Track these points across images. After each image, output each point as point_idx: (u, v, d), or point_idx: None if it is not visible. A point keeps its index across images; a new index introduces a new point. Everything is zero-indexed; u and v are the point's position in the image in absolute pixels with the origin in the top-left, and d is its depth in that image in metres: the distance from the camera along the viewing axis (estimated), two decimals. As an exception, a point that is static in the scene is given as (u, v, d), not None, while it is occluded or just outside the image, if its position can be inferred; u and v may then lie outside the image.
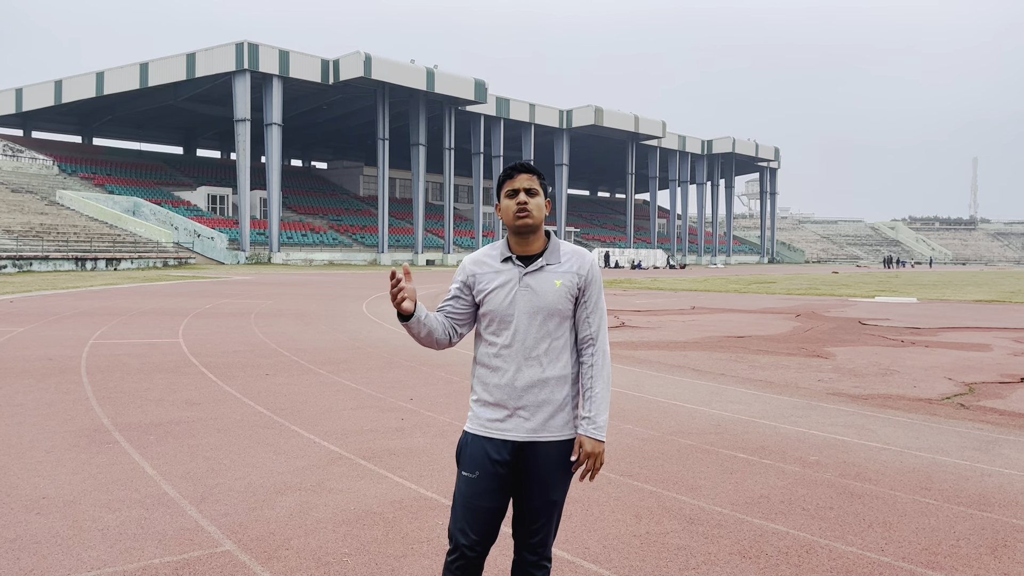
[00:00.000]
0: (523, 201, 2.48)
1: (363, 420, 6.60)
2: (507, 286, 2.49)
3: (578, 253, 2.56)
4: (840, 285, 35.01)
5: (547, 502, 2.49)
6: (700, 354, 11.21)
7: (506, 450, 2.46)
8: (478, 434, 2.49)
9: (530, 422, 2.46)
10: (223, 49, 55.71)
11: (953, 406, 7.57)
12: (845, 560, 3.71)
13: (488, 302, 2.51)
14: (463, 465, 2.50)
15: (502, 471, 2.46)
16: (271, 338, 12.38)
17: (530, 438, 2.46)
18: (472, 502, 2.46)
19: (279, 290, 25.87)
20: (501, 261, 2.53)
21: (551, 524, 2.53)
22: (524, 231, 2.51)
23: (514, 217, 2.49)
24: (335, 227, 67.72)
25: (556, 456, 2.48)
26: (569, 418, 2.51)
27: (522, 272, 2.50)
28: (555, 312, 2.48)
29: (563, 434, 2.49)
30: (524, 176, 2.51)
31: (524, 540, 2.54)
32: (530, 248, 2.53)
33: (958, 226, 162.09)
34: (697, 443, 5.93)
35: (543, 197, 2.53)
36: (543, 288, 2.48)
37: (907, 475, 5.13)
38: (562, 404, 2.49)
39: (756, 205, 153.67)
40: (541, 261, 2.51)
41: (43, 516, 4.15)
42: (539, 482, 2.48)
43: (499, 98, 71.81)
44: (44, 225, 45.58)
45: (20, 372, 8.77)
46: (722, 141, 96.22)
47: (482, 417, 2.50)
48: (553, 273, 2.50)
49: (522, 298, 2.47)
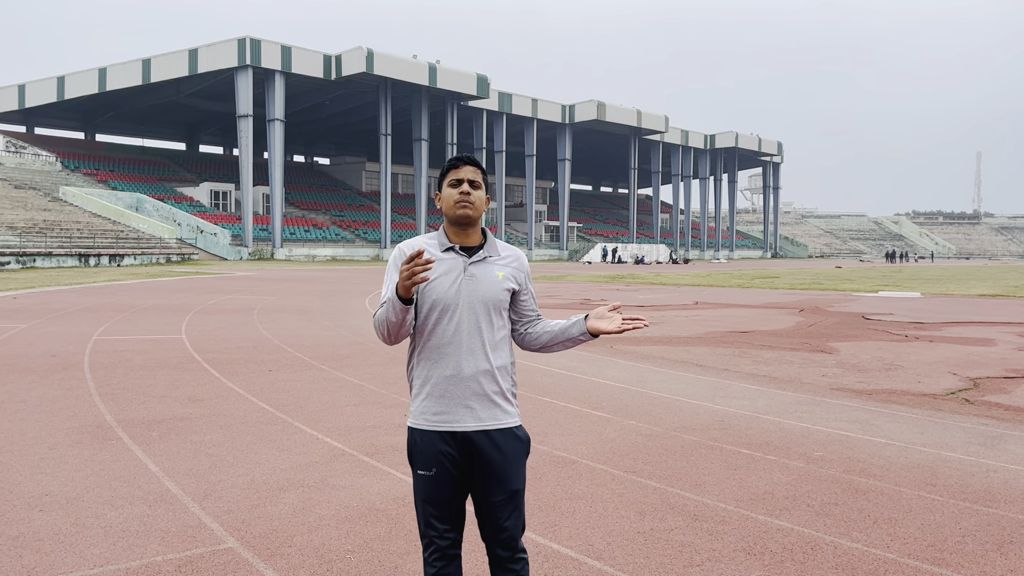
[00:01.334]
0: (466, 191, 2.50)
1: (366, 416, 6.59)
2: (452, 274, 2.48)
3: (516, 251, 2.64)
4: (843, 280, 34.95)
5: (508, 493, 2.50)
6: (703, 349, 11.19)
7: (456, 441, 2.47)
8: (426, 429, 2.49)
9: (476, 411, 2.47)
10: (225, 45, 55.64)
11: (958, 401, 7.55)
12: (850, 557, 3.69)
13: (433, 290, 2.47)
14: (417, 464, 2.51)
15: (456, 462, 2.48)
16: (274, 334, 12.38)
17: (480, 427, 2.47)
18: (433, 496, 2.48)
19: (282, 286, 25.87)
20: (443, 250, 2.52)
21: (518, 516, 2.54)
22: (463, 222, 2.52)
23: (456, 206, 2.50)
24: (338, 223, 67.72)
25: (506, 445, 2.50)
26: (511, 408, 2.55)
27: (467, 262, 2.50)
28: (497, 303, 2.51)
29: (508, 422, 2.52)
30: (470, 168, 2.54)
31: (495, 537, 2.53)
32: (469, 240, 2.55)
33: (962, 220, 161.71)
34: (701, 439, 5.91)
35: (484, 192, 2.56)
36: (486, 278, 2.50)
37: (912, 471, 5.11)
38: (504, 393, 2.52)
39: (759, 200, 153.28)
40: (483, 252, 2.53)
41: (46, 513, 4.15)
42: (495, 473, 2.48)
43: (501, 93, 71.68)
44: (47, 221, 45.62)
45: (23, 369, 8.77)
46: (725, 136, 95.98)
47: (428, 411, 2.49)
48: (495, 265, 2.53)
49: (466, 287, 2.48)
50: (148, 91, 62.86)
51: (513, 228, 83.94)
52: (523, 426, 2.61)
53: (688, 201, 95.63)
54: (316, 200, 72.60)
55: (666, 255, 78.82)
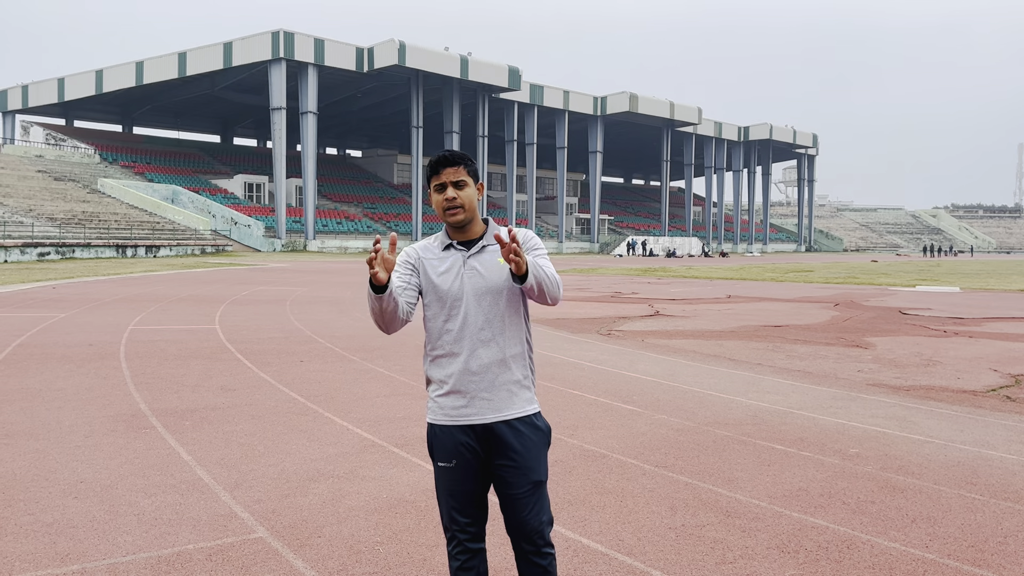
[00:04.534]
0: (451, 197, 2.47)
1: (396, 407, 6.59)
2: (453, 270, 2.51)
3: (517, 231, 2.50)
4: (879, 274, 34.38)
5: (530, 484, 2.49)
6: (736, 343, 11.06)
7: (476, 434, 2.48)
8: (445, 424, 2.50)
9: (493, 402, 2.47)
10: (259, 38, 56.15)
11: (999, 398, 7.37)
12: (888, 556, 3.61)
13: (437, 288, 2.51)
14: (437, 456, 2.53)
15: (476, 453, 2.49)
16: (306, 325, 12.47)
17: (498, 417, 2.47)
18: (454, 488, 2.50)
19: (314, 277, 26.08)
20: (442, 250, 2.55)
21: (541, 509, 2.52)
22: (457, 226, 2.52)
23: (445, 213, 2.50)
24: (369, 215, 68.13)
25: (526, 432, 2.50)
26: (530, 395, 2.54)
27: (465, 255, 2.51)
28: (502, 290, 2.48)
29: (526, 409, 2.51)
30: (450, 170, 2.49)
31: (519, 530, 2.52)
32: (469, 235, 2.55)
33: (1003, 214, 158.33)
34: (734, 434, 5.83)
35: (473, 185, 2.52)
36: (488, 267, 2.49)
37: (951, 469, 4.99)
38: (520, 382, 2.51)
39: (793, 192, 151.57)
40: (482, 242, 2.52)
41: (80, 500, 4.20)
42: (516, 465, 2.47)
43: (533, 85, 71.50)
44: (86, 213, 46.46)
45: (61, 357, 8.92)
46: (759, 127, 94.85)
47: (445, 406, 2.50)
48: (494, 253, 2.50)
49: (469, 280, 2.49)
50: (184, 84, 63.72)
51: (544, 221, 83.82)
52: (542, 414, 2.60)
53: (721, 194, 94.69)
54: (348, 192, 73.10)
55: (699, 248, 78.10)
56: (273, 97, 56.42)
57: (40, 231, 39.25)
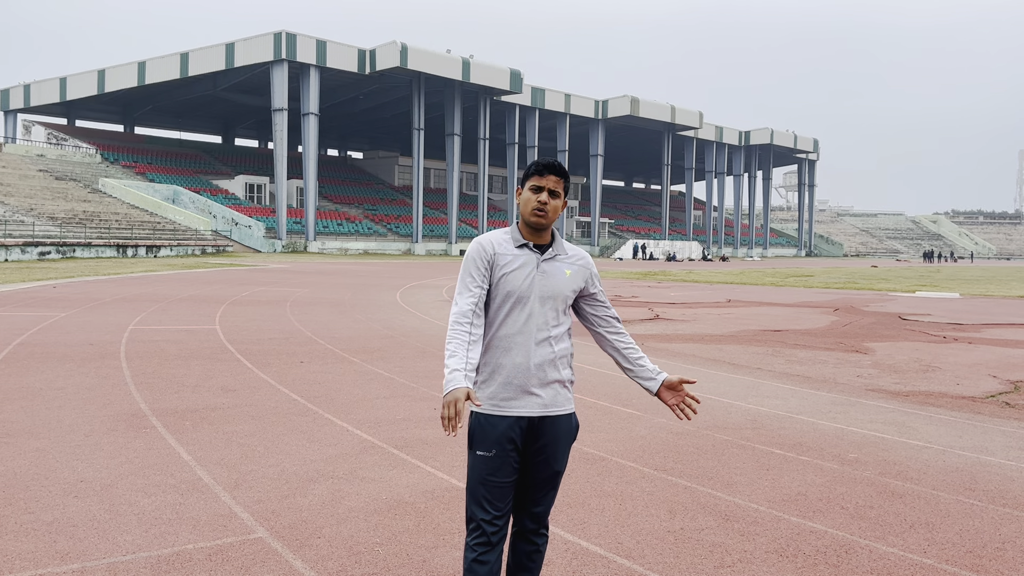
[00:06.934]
0: (544, 201, 2.64)
1: (396, 409, 6.60)
2: (525, 269, 2.65)
3: (581, 252, 2.81)
4: (879, 279, 34.39)
5: (552, 473, 2.68)
6: (736, 348, 11.07)
7: (520, 427, 2.61)
8: (492, 413, 2.61)
9: (542, 398, 2.63)
10: (262, 39, 56.17)
11: (998, 404, 7.38)
12: (886, 561, 3.62)
13: (508, 282, 2.63)
14: (478, 445, 2.63)
15: (517, 447, 2.62)
16: (306, 326, 12.48)
17: (544, 412, 2.63)
18: (489, 479, 2.59)
19: (314, 279, 26.09)
20: (517, 247, 2.68)
21: (554, 494, 2.74)
22: (537, 227, 2.68)
23: (532, 212, 2.65)
24: (370, 216, 68.12)
25: (563, 429, 2.68)
26: (570, 394, 2.73)
27: (540, 259, 2.67)
28: (564, 298, 2.69)
29: (567, 408, 2.70)
30: (554, 178, 2.66)
31: (528, 510, 2.71)
32: (541, 239, 2.71)
33: (1003, 220, 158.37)
34: (733, 438, 5.84)
35: (562, 200, 2.70)
36: (556, 275, 2.68)
37: (950, 475, 5.00)
38: (564, 382, 2.70)
39: (794, 197, 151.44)
40: (553, 251, 2.71)
41: (80, 499, 4.21)
42: (548, 455, 2.65)
43: (534, 88, 71.55)
44: (87, 212, 46.46)
45: (61, 357, 8.93)
46: (760, 132, 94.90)
47: (496, 397, 2.62)
48: (563, 263, 2.71)
49: (538, 282, 2.65)
50: (186, 85, 63.73)
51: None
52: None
53: (721, 198, 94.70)
54: (349, 194, 73.10)
55: (699, 252, 78.12)
56: (275, 98, 56.43)
57: (41, 230, 39.26)
